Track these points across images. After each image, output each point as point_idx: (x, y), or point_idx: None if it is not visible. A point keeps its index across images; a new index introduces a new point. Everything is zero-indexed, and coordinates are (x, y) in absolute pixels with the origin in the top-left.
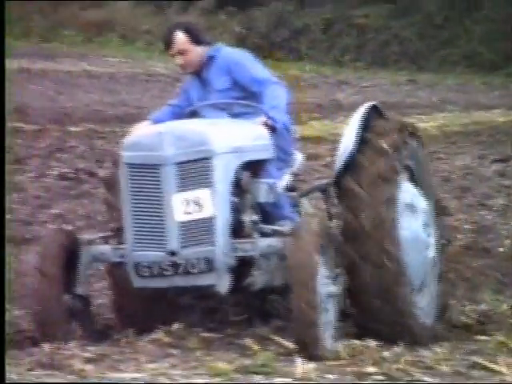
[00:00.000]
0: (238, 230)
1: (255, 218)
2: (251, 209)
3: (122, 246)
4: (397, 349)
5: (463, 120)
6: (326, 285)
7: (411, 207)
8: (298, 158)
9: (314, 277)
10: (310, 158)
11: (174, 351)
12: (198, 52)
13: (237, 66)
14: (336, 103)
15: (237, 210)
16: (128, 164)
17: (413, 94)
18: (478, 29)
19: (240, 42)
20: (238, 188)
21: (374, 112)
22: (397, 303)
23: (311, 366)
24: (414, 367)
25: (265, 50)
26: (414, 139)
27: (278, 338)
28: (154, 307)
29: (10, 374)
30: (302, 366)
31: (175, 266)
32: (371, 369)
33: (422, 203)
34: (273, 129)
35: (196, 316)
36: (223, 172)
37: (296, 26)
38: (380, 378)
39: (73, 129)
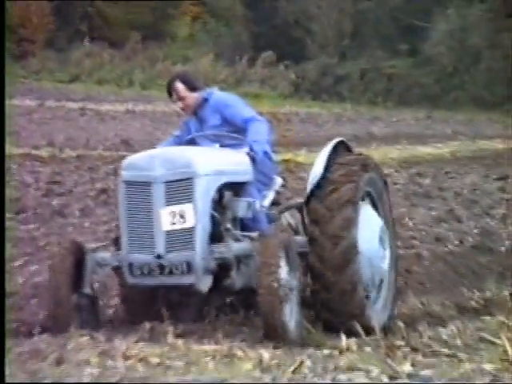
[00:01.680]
0: (218, 240)
1: (229, 226)
2: (231, 222)
3: (119, 252)
4: (420, 327)
5: (471, 147)
6: (288, 279)
7: (369, 225)
8: (278, 181)
9: (277, 270)
10: None
11: (245, 329)
12: (194, 97)
13: (226, 106)
14: (370, 135)
15: (218, 222)
16: (124, 181)
17: (430, 127)
18: (480, 76)
19: (295, 88)
20: (220, 204)
21: (342, 146)
22: (353, 307)
23: (352, 340)
24: (434, 341)
25: (314, 94)
26: (374, 172)
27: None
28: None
29: (122, 346)
30: (345, 340)
31: (161, 267)
32: (400, 342)
33: (379, 222)
34: (253, 158)
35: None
36: (204, 190)
37: (339, 75)
38: (406, 349)
39: None
